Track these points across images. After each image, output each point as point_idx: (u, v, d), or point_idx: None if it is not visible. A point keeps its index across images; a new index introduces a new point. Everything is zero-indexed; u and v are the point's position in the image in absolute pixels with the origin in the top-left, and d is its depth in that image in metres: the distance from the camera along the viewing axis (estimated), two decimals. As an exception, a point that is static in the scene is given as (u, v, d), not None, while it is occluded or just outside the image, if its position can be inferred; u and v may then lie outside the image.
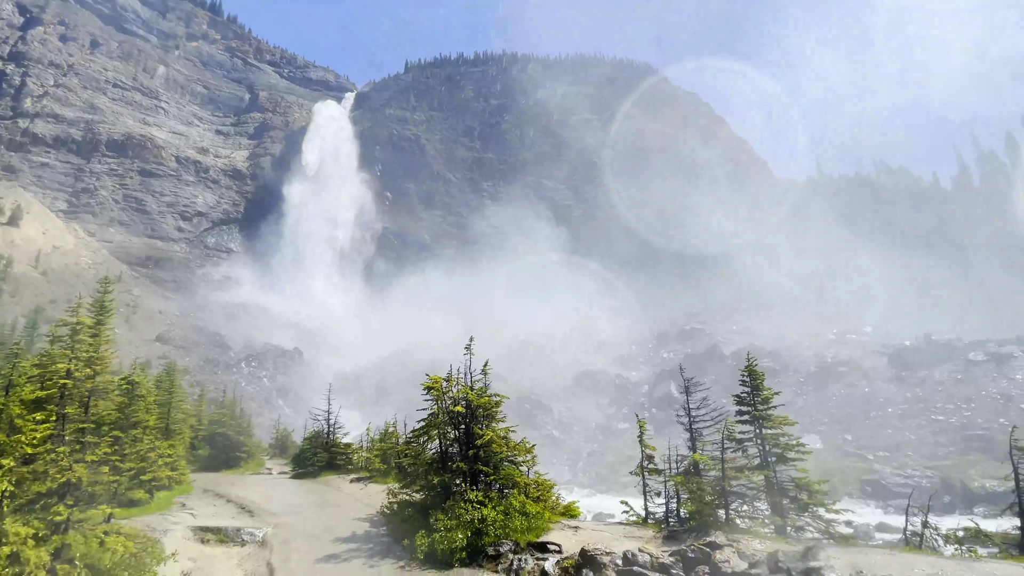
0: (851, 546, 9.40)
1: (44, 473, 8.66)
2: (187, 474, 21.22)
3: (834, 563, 7.94)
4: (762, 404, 12.32)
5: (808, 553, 8.15)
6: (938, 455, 64.83)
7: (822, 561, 7.95)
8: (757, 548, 8.96)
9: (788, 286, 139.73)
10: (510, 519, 11.22)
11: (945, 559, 8.36)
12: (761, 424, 12.20)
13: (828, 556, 8.09)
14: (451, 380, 13.65)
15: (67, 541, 8.26)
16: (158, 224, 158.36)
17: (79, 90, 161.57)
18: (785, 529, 10.63)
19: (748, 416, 12.52)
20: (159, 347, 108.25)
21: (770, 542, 9.37)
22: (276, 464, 36.07)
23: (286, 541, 12.65)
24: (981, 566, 7.94)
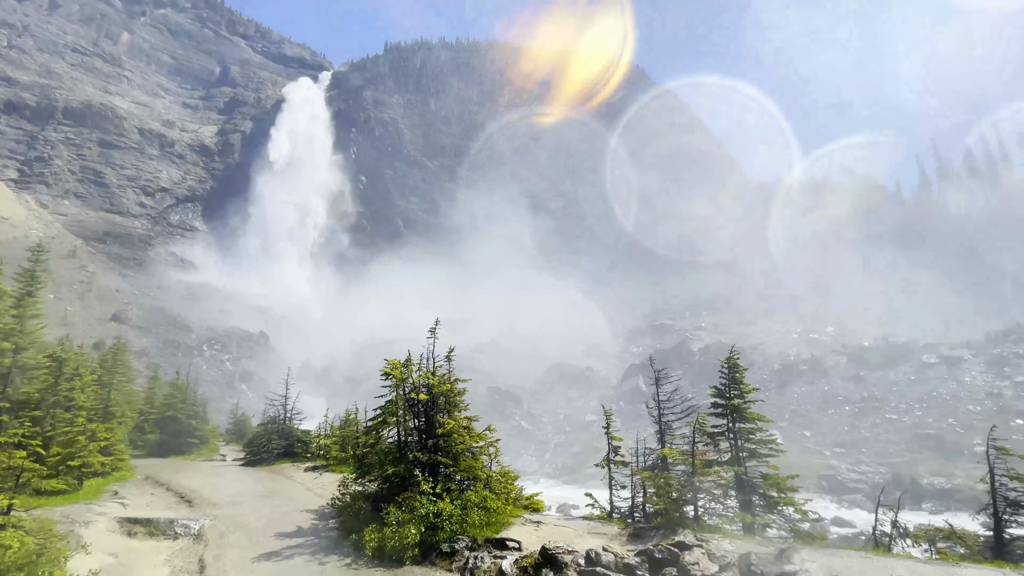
0: (824, 547, 9.03)
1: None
2: (127, 459, 19.85)
3: (809, 567, 7.51)
4: (739, 398, 11.91)
5: (782, 555, 7.70)
6: (890, 452, 67.07)
7: (796, 564, 7.51)
8: (728, 549, 8.48)
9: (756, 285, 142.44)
10: (468, 514, 10.50)
11: (923, 564, 8.03)
12: (735, 418, 11.80)
13: (803, 559, 7.65)
14: (411, 366, 12.80)
15: (-52, 535, 7.18)
16: (117, 198, 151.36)
17: (35, 53, 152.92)
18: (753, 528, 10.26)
19: (723, 409, 12.10)
20: (115, 327, 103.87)
21: (740, 542, 8.92)
22: (231, 450, 34.60)
23: (223, 535, 11.64)
24: (960, 571, 7.62)
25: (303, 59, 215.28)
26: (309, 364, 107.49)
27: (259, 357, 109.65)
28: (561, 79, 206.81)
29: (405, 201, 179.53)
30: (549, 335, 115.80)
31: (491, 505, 10.91)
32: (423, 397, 12.20)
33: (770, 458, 11.54)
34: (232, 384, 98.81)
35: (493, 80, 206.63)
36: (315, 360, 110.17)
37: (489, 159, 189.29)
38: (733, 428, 11.93)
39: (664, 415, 13.84)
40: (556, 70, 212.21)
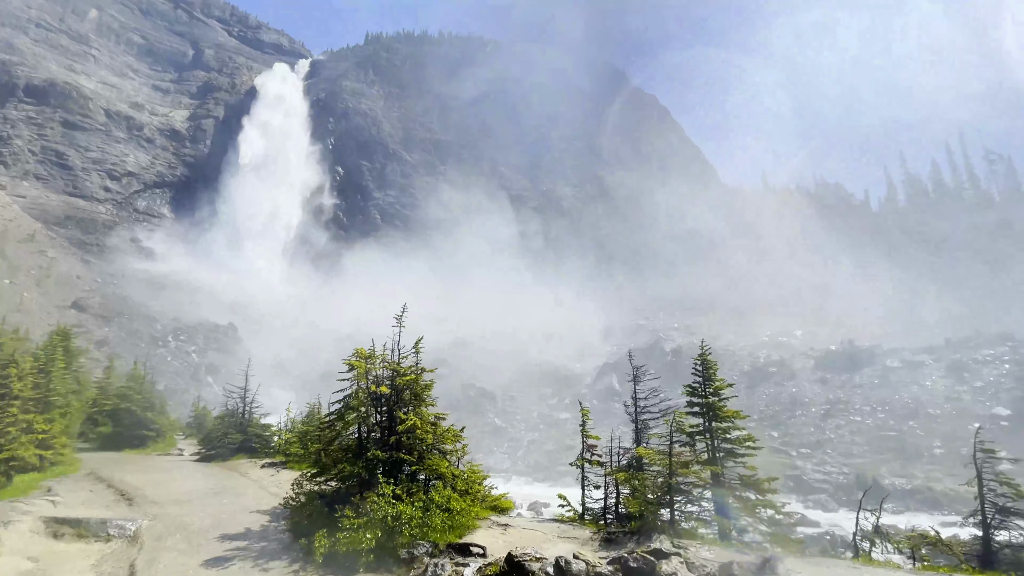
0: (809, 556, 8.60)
1: None
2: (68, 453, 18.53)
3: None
4: (714, 395, 11.48)
5: (766, 565, 7.22)
6: (854, 453, 68.58)
7: (781, 575, 7.04)
8: (707, 557, 7.97)
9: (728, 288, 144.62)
10: (430, 517, 9.75)
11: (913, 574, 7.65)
12: (711, 417, 11.36)
13: (788, 570, 7.17)
14: (375, 357, 11.99)
15: None
16: (81, 182, 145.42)
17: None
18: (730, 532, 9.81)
19: (699, 407, 11.66)
20: (75, 315, 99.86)
21: (720, 549, 8.43)
22: (190, 444, 33.10)
23: (161, 537, 10.66)
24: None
25: (280, 46, 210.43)
26: (281, 358, 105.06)
27: (227, 350, 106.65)
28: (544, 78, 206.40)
29: (383, 194, 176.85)
30: (526, 332, 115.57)
31: (455, 507, 10.20)
32: (384, 390, 11.40)
33: (747, 458, 11.13)
34: (198, 376, 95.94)
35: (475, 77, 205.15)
36: (290, 355, 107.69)
37: (469, 155, 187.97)
38: (709, 427, 11.49)
39: (641, 413, 13.39)
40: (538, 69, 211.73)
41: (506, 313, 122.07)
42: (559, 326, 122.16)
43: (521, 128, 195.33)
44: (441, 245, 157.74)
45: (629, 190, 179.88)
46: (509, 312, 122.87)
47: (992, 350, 79.30)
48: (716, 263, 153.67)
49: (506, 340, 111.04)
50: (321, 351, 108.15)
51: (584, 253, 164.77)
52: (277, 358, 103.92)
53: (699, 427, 11.62)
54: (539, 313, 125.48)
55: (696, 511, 10.60)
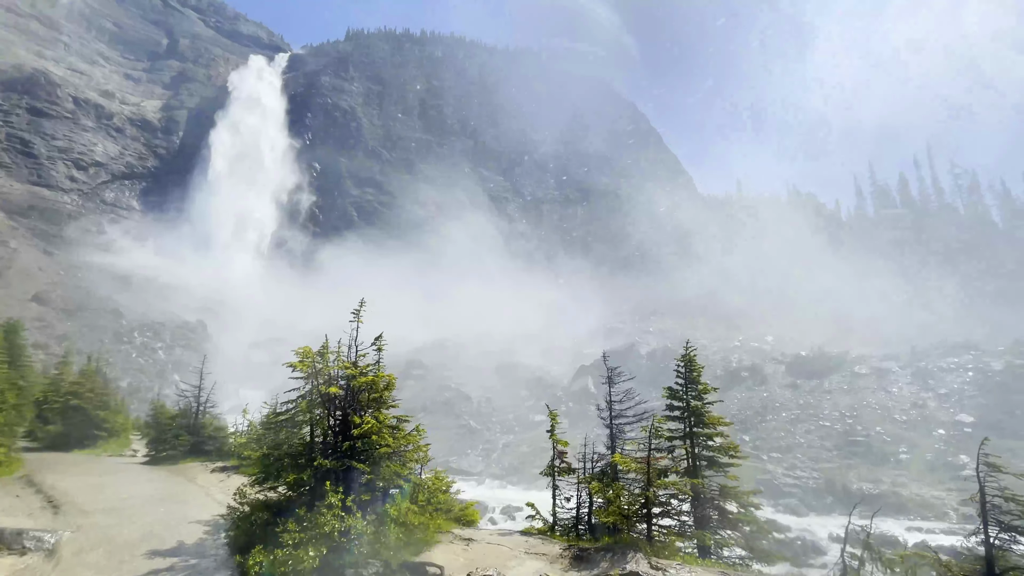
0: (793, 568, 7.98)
1: None
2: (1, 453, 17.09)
3: (783, 606, 6.39)
4: (696, 399, 10.85)
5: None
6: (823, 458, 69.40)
7: (769, 603, 6.38)
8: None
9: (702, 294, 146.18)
10: (384, 532, 8.85)
11: None
12: (693, 422, 10.72)
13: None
14: (327, 354, 11.02)
15: None
16: (46, 170, 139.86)
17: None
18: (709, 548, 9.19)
19: (680, 411, 11.00)
20: (36, 308, 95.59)
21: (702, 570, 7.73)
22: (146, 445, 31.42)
23: (81, 551, 9.51)
24: (955, 613, 6.68)
25: (259, 38, 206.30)
26: (253, 357, 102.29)
27: (196, 347, 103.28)
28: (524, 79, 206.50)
29: (360, 191, 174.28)
30: (506, 334, 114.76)
31: (413, 521, 9.28)
32: (335, 391, 10.45)
33: (729, 467, 10.51)
34: (164, 374, 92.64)
35: (456, 76, 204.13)
36: (259, 353, 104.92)
37: (449, 154, 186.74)
38: (690, 432, 10.84)
39: (616, 417, 12.71)
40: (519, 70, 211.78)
41: (484, 314, 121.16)
42: (537, 328, 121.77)
43: (501, 129, 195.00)
44: (419, 245, 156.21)
45: (607, 194, 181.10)
46: (487, 313, 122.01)
47: (956, 358, 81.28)
48: (692, 269, 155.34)
49: (483, 341, 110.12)
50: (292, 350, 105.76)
51: (561, 256, 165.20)
52: (248, 357, 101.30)
53: (679, 432, 10.96)
54: (517, 314, 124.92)
55: (674, 524, 9.90)
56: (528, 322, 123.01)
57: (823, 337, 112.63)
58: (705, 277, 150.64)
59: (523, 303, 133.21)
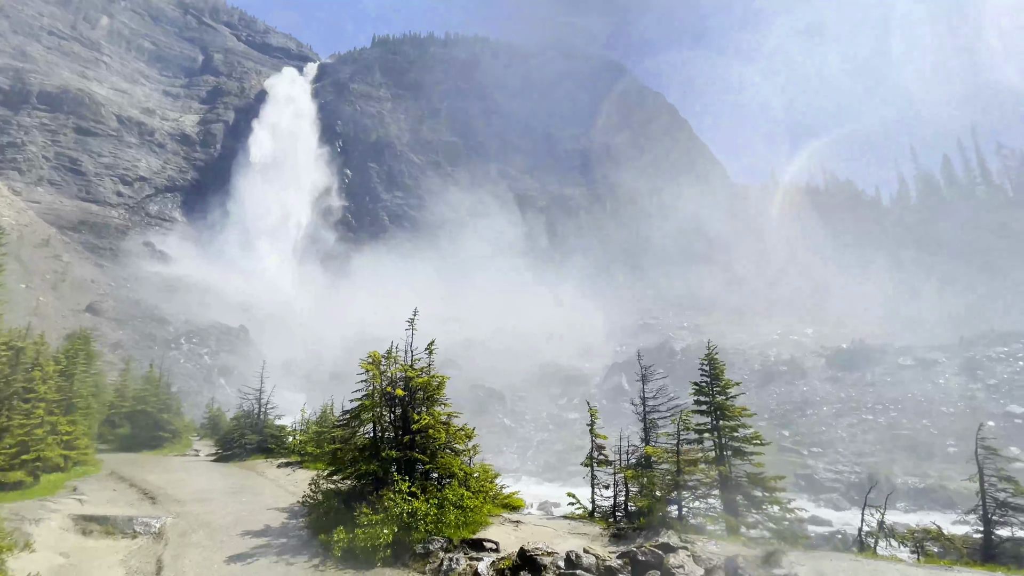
0: (813, 550, 8.80)
1: None
2: (91, 453, 19.04)
3: (798, 570, 7.25)
4: (721, 394, 11.67)
5: (770, 558, 7.43)
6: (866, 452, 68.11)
7: (785, 568, 7.24)
8: (713, 551, 8.20)
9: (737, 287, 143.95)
10: (444, 513, 10.06)
11: (914, 567, 7.83)
12: (719, 415, 11.55)
13: (791, 562, 7.38)
14: (390, 357, 12.31)
15: None
16: (94, 187, 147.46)
17: (9, 35, 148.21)
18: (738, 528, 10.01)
19: (706, 406, 11.86)
20: (89, 318, 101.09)
21: (726, 544, 8.64)
22: (205, 445, 33.66)
23: (185, 533, 11.05)
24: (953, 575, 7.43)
25: (288, 49, 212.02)
26: (293, 360, 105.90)
27: (239, 352, 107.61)
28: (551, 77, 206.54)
29: (391, 196, 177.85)
30: (535, 333, 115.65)
31: (468, 504, 10.49)
32: (399, 392, 11.71)
33: (755, 456, 11.31)
34: (210, 378, 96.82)
35: (481, 77, 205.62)
36: (299, 356, 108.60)
37: (476, 156, 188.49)
38: (717, 425, 11.68)
39: (650, 413, 13.56)
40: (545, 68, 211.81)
41: (513, 313, 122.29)
42: (566, 326, 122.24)
43: (528, 128, 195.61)
44: (448, 246, 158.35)
45: (636, 189, 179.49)
46: (516, 312, 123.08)
47: (1006, 347, 78.48)
48: (725, 262, 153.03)
49: (514, 340, 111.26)
50: (329, 352, 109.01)
51: (590, 253, 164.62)
52: (286, 359, 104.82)
53: (706, 425, 11.81)
54: (546, 313, 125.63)
55: (703, 508, 10.80)
56: (557, 321, 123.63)
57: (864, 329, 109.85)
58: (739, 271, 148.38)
59: (552, 302, 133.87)
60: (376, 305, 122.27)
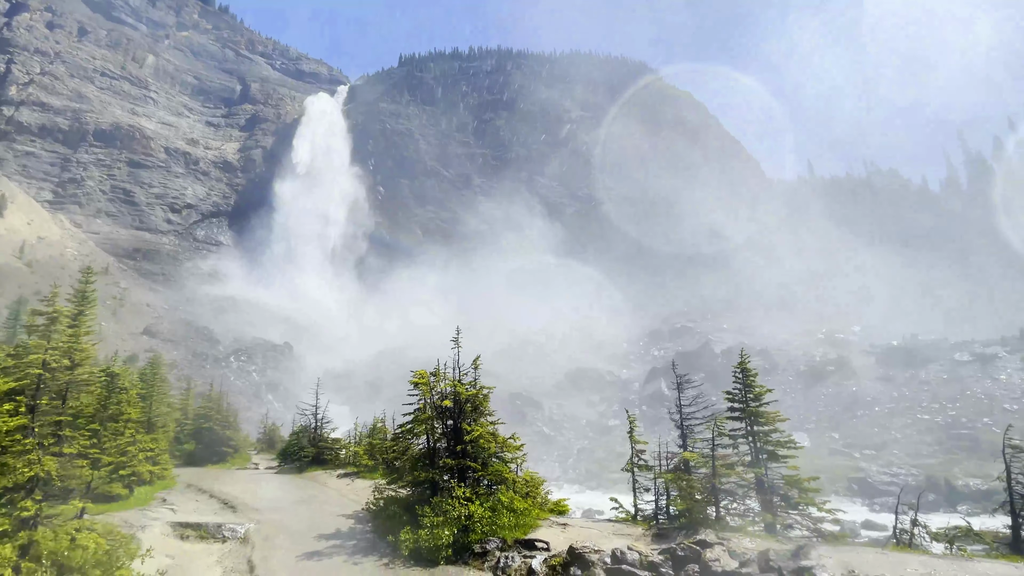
0: (842, 545, 9.32)
1: (10, 467, 8.32)
2: (170, 469, 20.86)
3: (825, 562, 7.84)
4: (754, 401, 12.23)
5: (799, 552, 8.03)
6: (923, 454, 65.59)
7: (813, 560, 7.84)
8: (748, 547, 8.84)
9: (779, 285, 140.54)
10: (498, 516, 11.03)
11: (937, 558, 8.30)
12: (753, 421, 12.11)
13: (819, 555, 7.97)
14: (439, 375, 13.40)
15: (35, 538, 7.95)
16: (146, 216, 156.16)
17: (66, 78, 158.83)
18: (775, 527, 10.52)
19: (740, 413, 12.44)
20: (146, 340, 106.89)
21: (760, 540, 9.26)
22: (263, 459, 35.64)
23: (268, 537, 12.37)
24: (973, 565, 7.87)
25: (320, 74, 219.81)
26: (331, 371, 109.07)
27: (284, 367, 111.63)
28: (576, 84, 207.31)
29: (423, 210, 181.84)
30: (568, 339, 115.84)
31: (519, 507, 11.42)
32: (447, 404, 12.77)
33: (789, 459, 11.82)
34: (259, 394, 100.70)
35: (506, 88, 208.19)
36: (336, 367, 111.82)
37: (505, 166, 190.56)
38: (751, 430, 12.25)
39: (686, 420, 14.17)
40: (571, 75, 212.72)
41: (548, 320, 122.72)
42: (603, 332, 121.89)
43: (556, 135, 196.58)
44: (481, 256, 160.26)
45: (669, 191, 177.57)
46: (551, 319, 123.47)
47: (1072, 339, 74.53)
48: (763, 260, 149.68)
49: (549, 347, 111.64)
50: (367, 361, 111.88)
51: (622, 256, 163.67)
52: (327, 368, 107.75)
53: (741, 431, 12.39)
54: (580, 320, 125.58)
55: (741, 509, 11.37)
56: (592, 326, 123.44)
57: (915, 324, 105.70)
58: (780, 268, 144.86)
59: (585, 308, 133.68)
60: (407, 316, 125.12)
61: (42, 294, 68.83)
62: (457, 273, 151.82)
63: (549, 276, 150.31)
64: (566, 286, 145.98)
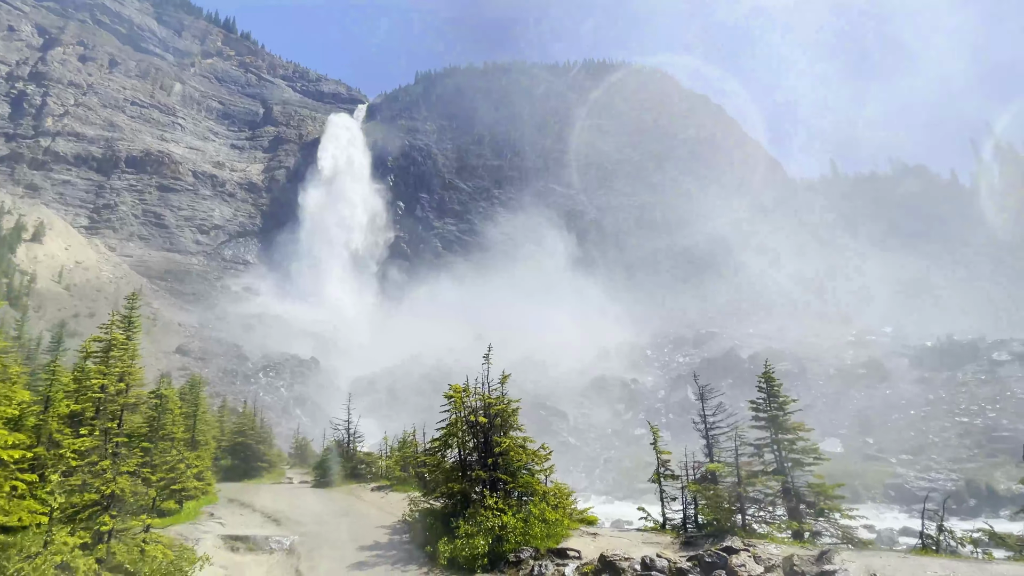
0: (866, 549, 9.55)
1: (88, 485, 9.13)
2: (213, 484, 21.82)
3: (848, 566, 8.12)
4: (778, 410, 12.50)
5: (823, 556, 8.31)
6: (962, 457, 63.78)
7: (836, 564, 8.12)
8: (773, 552, 9.14)
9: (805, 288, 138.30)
10: (530, 526, 11.50)
11: (957, 561, 8.50)
12: (777, 430, 12.37)
13: (843, 559, 8.25)
14: (469, 390, 13.99)
15: (112, 550, 8.72)
16: (176, 238, 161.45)
17: (98, 108, 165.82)
18: (803, 535, 10.76)
19: (764, 422, 12.71)
20: (179, 359, 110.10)
21: (786, 546, 9.54)
22: (296, 473, 36.61)
23: (313, 549, 13.04)
24: (993, 567, 8.07)
25: (339, 94, 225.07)
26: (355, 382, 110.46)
27: (311, 381, 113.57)
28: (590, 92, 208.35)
29: (442, 223, 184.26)
30: (589, 348, 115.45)
31: (550, 517, 11.87)
32: (482, 420, 13.34)
33: (814, 467, 12.05)
34: (288, 409, 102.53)
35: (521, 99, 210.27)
36: (360, 378, 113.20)
37: (521, 176, 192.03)
38: (775, 439, 12.50)
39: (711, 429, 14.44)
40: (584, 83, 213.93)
41: (571, 329, 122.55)
42: (625, 339, 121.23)
43: (570, 143, 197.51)
44: (499, 266, 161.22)
45: (689, 194, 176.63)
46: (574, 328, 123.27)
47: (1116, 335, 71.96)
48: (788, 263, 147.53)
49: (573, 356, 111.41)
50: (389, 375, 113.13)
51: (645, 264, 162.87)
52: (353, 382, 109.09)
53: (766, 439, 12.66)
54: (604, 328, 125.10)
55: (766, 516, 11.63)
56: (612, 333, 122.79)
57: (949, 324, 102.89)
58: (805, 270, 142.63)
59: (606, 316, 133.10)
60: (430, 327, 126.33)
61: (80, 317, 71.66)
62: (477, 284, 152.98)
63: (568, 284, 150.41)
64: (586, 293, 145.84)
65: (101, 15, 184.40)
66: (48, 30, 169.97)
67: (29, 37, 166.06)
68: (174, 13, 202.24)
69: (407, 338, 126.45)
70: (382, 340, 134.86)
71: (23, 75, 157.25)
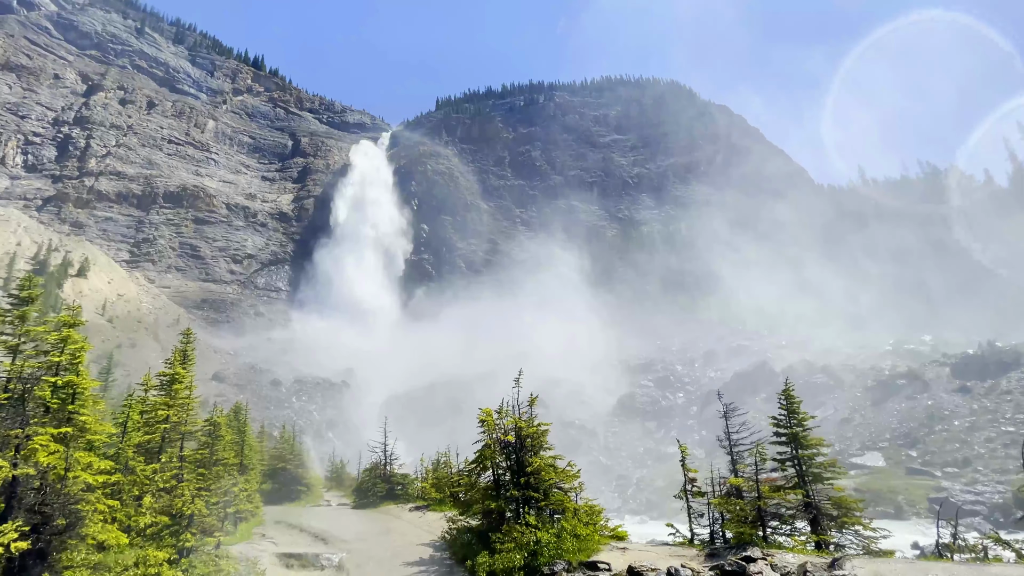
0: (877, 557, 10.00)
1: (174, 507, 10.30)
2: (261, 507, 23.01)
3: (858, 571, 8.63)
4: (798, 426, 13.02)
5: (835, 564, 8.82)
6: (1010, 469, 61.36)
7: (847, 570, 8.62)
8: (789, 561, 9.68)
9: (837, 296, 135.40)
10: (562, 541, 12.21)
11: (958, 564, 8.93)
12: (797, 446, 12.87)
13: (853, 566, 8.77)
14: (502, 412, 14.85)
15: (193, 564, 9.81)
16: (211, 268, 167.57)
17: (138, 148, 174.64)
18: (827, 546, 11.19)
19: (784, 438, 13.23)
20: (215, 385, 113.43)
21: (802, 555, 10.06)
22: (333, 496, 37.69)
23: (360, 565, 13.96)
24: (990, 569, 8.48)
25: (363, 124, 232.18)
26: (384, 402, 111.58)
27: (342, 404, 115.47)
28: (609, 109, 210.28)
29: (466, 244, 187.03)
30: (616, 365, 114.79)
31: (581, 532, 12.57)
32: (511, 439, 14.18)
33: (834, 480, 12.49)
34: (320, 433, 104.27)
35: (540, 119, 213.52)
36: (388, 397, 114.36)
37: (543, 195, 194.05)
38: (796, 455, 13.00)
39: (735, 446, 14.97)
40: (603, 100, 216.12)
41: (599, 347, 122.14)
42: (655, 356, 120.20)
43: (591, 161, 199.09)
44: (524, 286, 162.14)
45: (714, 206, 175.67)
46: (602, 346, 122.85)
47: None
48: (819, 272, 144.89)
49: (599, 375, 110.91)
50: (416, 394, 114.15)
51: (673, 279, 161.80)
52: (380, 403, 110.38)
53: (787, 454, 13.16)
54: (633, 345, 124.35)
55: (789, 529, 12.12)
56: (640, 350, 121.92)
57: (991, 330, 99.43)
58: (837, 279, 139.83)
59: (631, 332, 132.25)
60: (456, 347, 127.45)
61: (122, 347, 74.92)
62: (502, 304, 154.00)
63: (592, 301, 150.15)
64: (611, 311, 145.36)
65: (139, 60, 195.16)
66: (91, 76, 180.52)
67: (73, 84, 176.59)
68: (207, 54, 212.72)
69: (433, 359, 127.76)
70: (409, 361, 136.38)
71: (68, 120, 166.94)
